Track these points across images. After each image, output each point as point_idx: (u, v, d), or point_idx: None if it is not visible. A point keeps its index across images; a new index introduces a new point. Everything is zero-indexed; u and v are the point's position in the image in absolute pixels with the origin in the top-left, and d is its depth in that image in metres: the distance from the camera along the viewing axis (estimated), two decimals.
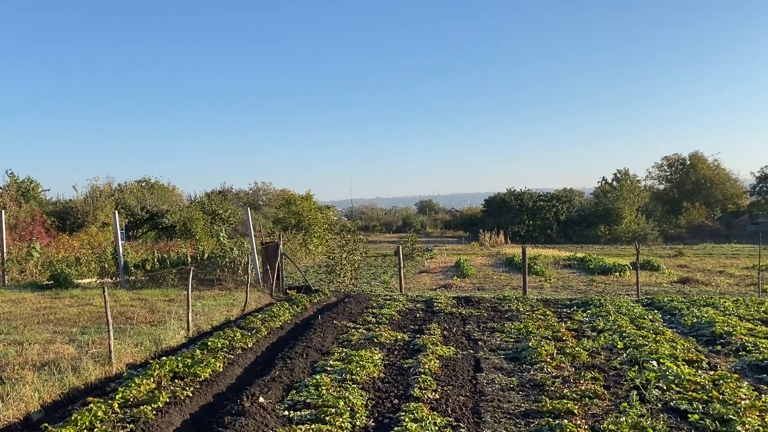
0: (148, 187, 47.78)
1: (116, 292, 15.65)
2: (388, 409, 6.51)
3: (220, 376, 7.75)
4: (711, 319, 11.28)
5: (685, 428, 5.91)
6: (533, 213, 58.96)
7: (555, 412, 6.30)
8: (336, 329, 10.94)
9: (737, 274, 22.84)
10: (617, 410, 6.38)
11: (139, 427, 5.66)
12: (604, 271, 22.89)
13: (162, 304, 13.80)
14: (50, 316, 12.30)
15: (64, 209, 36.16)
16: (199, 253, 19.65)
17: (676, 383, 7.20)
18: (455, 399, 6.80)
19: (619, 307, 13.14)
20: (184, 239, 28.76)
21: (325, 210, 42.49)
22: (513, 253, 29.94)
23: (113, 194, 39.99)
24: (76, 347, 9.31)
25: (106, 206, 35.76)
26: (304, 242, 32.19)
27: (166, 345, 9.78)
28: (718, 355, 9.14)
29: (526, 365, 8.45)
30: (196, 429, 6.03)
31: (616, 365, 8.36)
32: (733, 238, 53.20)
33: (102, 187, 40.10)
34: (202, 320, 12.01)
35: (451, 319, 12.28)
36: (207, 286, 17.43)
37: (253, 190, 70.58)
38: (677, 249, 37.60)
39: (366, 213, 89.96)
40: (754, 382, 7.56)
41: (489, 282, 20.93)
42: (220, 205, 40.95)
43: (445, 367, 8.25)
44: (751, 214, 64.53)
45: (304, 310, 13.62)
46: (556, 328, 10.89)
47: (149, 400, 6.34)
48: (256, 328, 10.73)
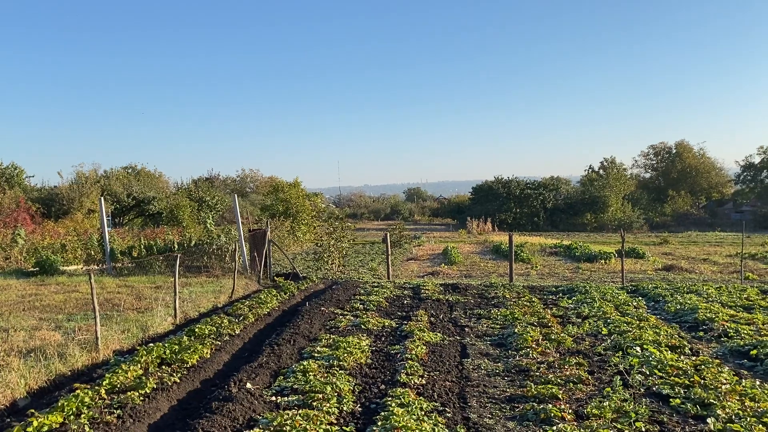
0: (135, 173, 47.48)
1: (103, 279, 15.58)
2: (375, 395, 6.56)
3: (208, 362, 7.76)
4: (694, 306, 11.44)
5: (667, 412, 6.01)
6: (520, 201, 59.21)
7: (540, 397, 6.38)
8: (323, 316, 10.98)
9: (721, 261, 23.11)
10: (601, 395, 6.48)
11: (127, 412, 5.67)
12: (589, 259, 23.07)
13: (149, 291, 13.76)
14: (36, 302, 12.23)
15: (49, 196, 35.86)
16: (186, 240, 19.58)
17: (659, 368, 7.31)
18: (441, 384, 6.86)
19: (604, 294, 13.27)
20: (170, 226, 28.66)
21: (313, 197, 42.43)
22: (500, 241, 30.10)
23: (99, 181, 39.69)
24: (62, 334, 9.28)
25: (92, 193, 35.48)
26: (291, 229, 32.16)
27: (154, 332, 9.76)
28: (701, 341, 9.28)
29: (511, 351, 8.53)
30: (183, 414, 6.04)
31: (601, 351, 8.46)
32: (717, 226, 53.83)
33: (88, 174, 39.79)
34: (189, 307, 11.99)
35: (438, 305, 12.36)
36: (194, 273, 17.39)
37: (240, 177, 70.32)
38: (662, 237, 37.97)
39: (354, 200, 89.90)
40: (735, 368, 7.69)
41: (476, 269, 21.04)
42: (207, 192, 40.79)
43: (432, 353, 8.32)
44: (735, 203, 65.26)
45: (292, 297, 13.64)
46: (542, 314, 10.99)
47: (136, 386, 6.34)
48: (244, 314, 10.74)
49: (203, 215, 26.29)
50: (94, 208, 33.11)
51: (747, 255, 23.00)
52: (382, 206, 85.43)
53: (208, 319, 10.01)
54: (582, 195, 60.33)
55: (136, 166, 50.89)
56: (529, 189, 60.09)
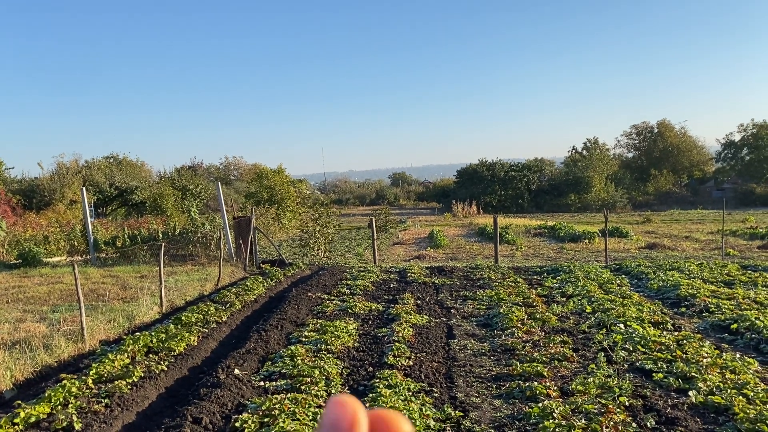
0: (117, 163, 46.97)
1: (87, 270, 15.47)
2: (363, 377, 6.61)
3: (195, 349, 7.77)
4: (676, 283, 11.60)
5: (650, 387, 6.12)
6: (505, 183, 59.40)
7: (525, 375, 6.47)
8: (310, 301, 11.00)
9: (702, 238, 23.41)
10: (585, 372, 6.58)
11: (114, 401, 5.67)
12: (573, 239, 23.26)
13: (134, 280, 13.69)
14: (19, 295, 12.13)
15: (30, 187, 35.44)
16: (170, 229, 19.48)
17: (642, 344, 7.42)
18: (428, 365, 6.93)
19: (588, 273, 13.41)
20: (154, 215, 28.45)
21: (298, 184, 42.26)
22: (485, 223, 30.24)
23: (80, 171, 39.25)
24: (47, 325, 9.23)
25: (74, 183, 35.12)
26: (277, 216, 32.06)
27: (140, 321, 9.74)
28: (683, 317, 9.43)
29: (497, 331, 8.62)
30: (172, 402, 6.05)
31: (585, 329, 8.58)
32: (699, 204, 54.43)
33: (69, 164, 39.34)
34: (175, 295, 11.96)
35: (424, 288, 12.42)
36: (179, 262, 17.32)
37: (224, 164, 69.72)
38: (645, 216, 38.32)
39: (339, 186, 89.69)
40: (716, 342, 7.84)
41: (462, 252, 21.15)
42: (191, 180, 40.45)
43: (419, 334, 8.38)
44: (716, 181, 65.94)
45: (278, 283, 13.64)
46: (527, 294, 11.10)
47: (124, 375, 6.34)
48: (231, 302, 10.73)
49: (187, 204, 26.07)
50: (76, 198, 32.78)
51: (728, 232, 23.32)
52: (368, 191, 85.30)
53: (194, 307, 9.99)
54: (566, 176, 60.62)
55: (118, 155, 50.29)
56: (513, 171, 60.26)
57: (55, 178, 35.79)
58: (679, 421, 5.23)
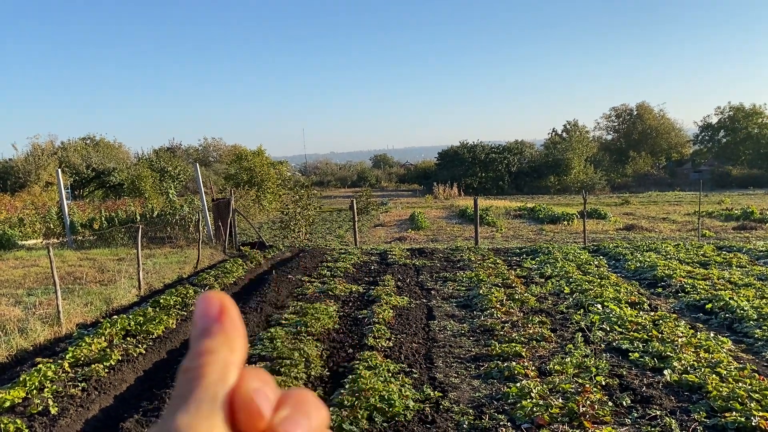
0: (93, 144, 46.27)
1: (63, 253, 15.27)
2: (343, 359, 6.62)
3: (174, 332, 7.72)
4: (653, 264, 11.76)
5: (626, 366, 6.21)
6: (485, 165, 59.57)
7: (504, 356, 6.52)
8: (291, 283, 10.97)
9: (679, 220, 23.72)
10: (563, 351, 6.65)
11: (92, 385, 5.62)
12: (553, 221, 23.44)
13: (111, 263, 13.55)
14: None
15: (4, 169, 34.85)
16: (148, 211, 19.28)
17: (619, 324, 7.53)
18: (408, 346, 6.96)
19: (566, 254, 13.53)
20: (132, 197, 28.10)
21: (278, 165, 41.96)
22: (466, 205, 30.34)
23: (56, 152, 38.61)
24: (22, 309, 9.11)
25: (49, 165, 34.56)
26: (257, 198, 31.85)
27: (118, 304, 9.65)
28: (659, 297, 9.57)
29: (476, 312, 8.67)
30: (149, 385, 6.02)
31: (563, 309, 8.67)
32: (676, 186, 55.12)
33: (44, 146, 38.67)
34: (153, 278, 11.86)
35: (405, 270, 12.45)
36: (158, 245, 17.16)
37: (203, 146, 68.94)
38: (624, 197, 38.74)
39: (320, 168, 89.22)
40: (691, 321, 7.97)
41: (442, 233, 21.22)
42: (169, 162, 39.97)
43: (399, 316, 8.40)
44: (693, 162, 66.77)
45: (258, 265, 13.57)
46: (506, 275, 11.18)
47: (101, 359, 6.28)
48: (210, 284, 10.67)
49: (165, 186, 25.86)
50: (52, 180, 32.27)
51: (704, 213, 23.63)
52: (349, 173, 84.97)
53: (173, 290, 9.91)
54: (545, 158, 60.92)
55: (95, 136, 49.49)
56: (494, 153, 60.41)
57: (30, 159, 35.18)
58: (654, 399, 5.32)
